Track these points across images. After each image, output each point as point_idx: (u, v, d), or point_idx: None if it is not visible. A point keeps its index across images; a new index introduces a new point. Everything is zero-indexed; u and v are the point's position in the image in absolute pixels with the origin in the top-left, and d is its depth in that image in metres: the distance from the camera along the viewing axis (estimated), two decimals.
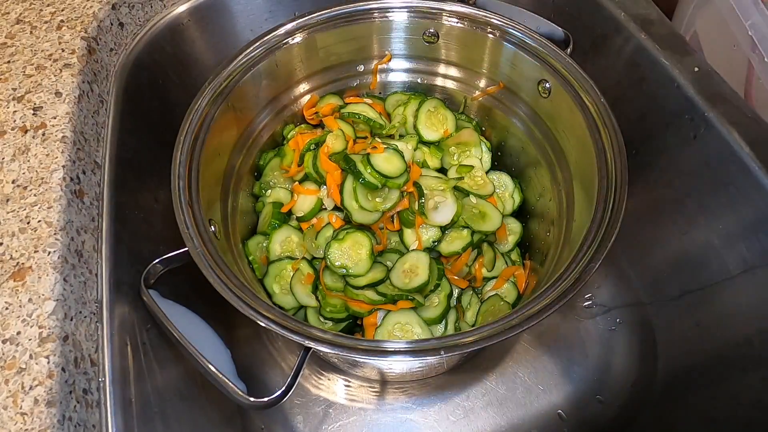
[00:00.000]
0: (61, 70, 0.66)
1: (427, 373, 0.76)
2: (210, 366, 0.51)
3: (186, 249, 0.55)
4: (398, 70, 0.83)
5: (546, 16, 0.76)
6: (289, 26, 0.73)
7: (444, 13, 0.74)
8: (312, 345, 0.49)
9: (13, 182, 0.56)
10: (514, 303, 0.71)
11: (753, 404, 0.61)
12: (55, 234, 0.53)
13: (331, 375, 0.77)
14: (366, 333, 0.67)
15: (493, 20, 0.72)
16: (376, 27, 0.77)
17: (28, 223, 0.53)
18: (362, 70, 0.82)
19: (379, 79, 0.83)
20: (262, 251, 0.72)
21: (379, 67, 0.82)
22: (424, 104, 0.79)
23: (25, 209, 0.54)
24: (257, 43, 0.71)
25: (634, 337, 0.79)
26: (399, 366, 0.69)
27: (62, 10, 0.73)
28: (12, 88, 0.64)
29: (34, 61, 0.67)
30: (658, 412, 0.71)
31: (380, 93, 0.85)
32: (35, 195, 0.55)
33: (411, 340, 0.50)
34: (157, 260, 0.57)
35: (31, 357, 0.46)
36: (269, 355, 0.79)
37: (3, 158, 0.58)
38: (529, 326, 0.50)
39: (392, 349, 0.50)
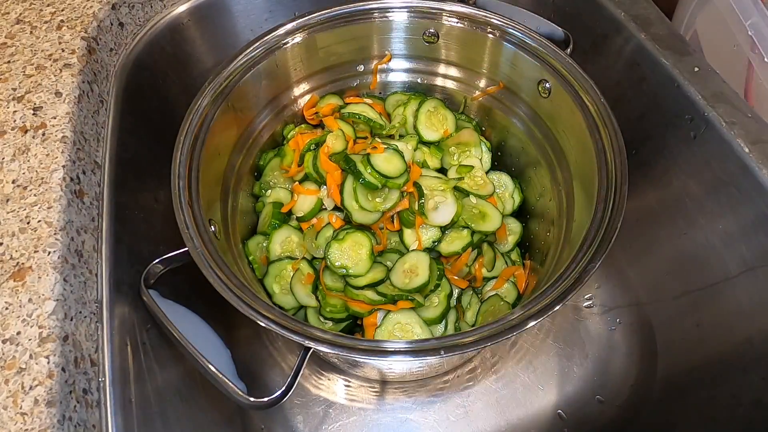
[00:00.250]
0: (61, 70, 0.66)
1: (427, 373, 0.76)
2: (210, 366, 0.51)
3: (186, 249, 0.55)
4: (398, 70, 0.83)
5: (546, 16, 0.76)
6: (289, 26, 0.73)
7: (444, 13, 0.74)
8: (312, 345, 0.49)
9: (13, 182, 0.56)
10: (514, 303, 0.71)
11: (753, 404, 0.61)
12: (55, 234, 0.53)
13: (331, 375, 0.77)
14: (366, 333, 0.67)
15: (493, 20, 0.72)
16: (376, 27, 0.77)
17: (28, 223, 0.53)
18: (362, 70, 0.82)
19: (379, 79, 0.83)
20: (262, 251, 0.72)
21: (379, 67, 0.82)
22: (424, 104, 0.79)
23: (25, 209, 0.54)
24: (257, 43, 0.71)
25: (634, 337, 0.79)
26: (399, 366, 0.69)
27: (62, 10, 0.73)
28: (12, 88, 0.64)
29: (34, 61, 0.67)
30: (658, 412, 0.71)
31: (380, 93, 0.85)
32: (35, 195, 0.55)
33: (411, 340, 0.50)
34: (157, 260, 0.57)
35: (31, 357, 0.46)
36: (269, 355, 0.79)
37: (3, 158, 0.58)
38: (529, 326, 0.50)
39: (392, 349, 0.50)
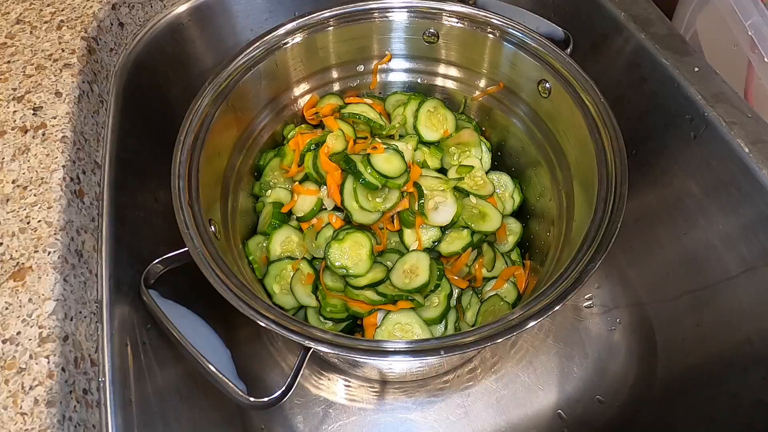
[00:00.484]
0: (61, 70, 0.66)
1: (427, 373, 0.76)
2: (210, 366, 0.51)
3: (186, 249, 0.55)
4: (398, 70, 0.83)
5: (546, 16, 0.76)
6: (289, 26, 0.73)
7: (444, 13, 0.74)
8: (312, 345, 0.49)
9: (13, 182, 0.56)
10: (514, 303, 0.71)
11: (753, 404, 0.61)
12: (55, 234, 0.53)
13: (331, 375, 0.77)
14: (366, 333, 0.67)
15: (493, 20, 0.72)
16: (376, 27, 0.77)
17: (28, 223, 0.53)
18: (362, 70, 0.82)
19: (379, 79, 0.83)
20: (262, 251, 0.72)
21: (379, 67, 0.82)
22: (424, 104, 0.79)
23: (25, 209, 0.54)
24: (257, 43, 0.71)
25: (634, 337, 0.79)
26: (399, 366, 0.69)
27: (62, 10, 0.73)
28: (12, 88, 0.64)
29: (34, 61, 0.67)
30: (657, 412, 0.71)
31: (380, 93, 0.85)
32: (35, 195, 0.55)
33: (411, 340, 0.50)
34: (157, 260, 0.57)
35: (31, 357, 0.46)
36: (269, 355, 0.79)
37: (3, 158, 0.58)
38: (528, 326, 0.50)
39: (392, 349, 0.50)
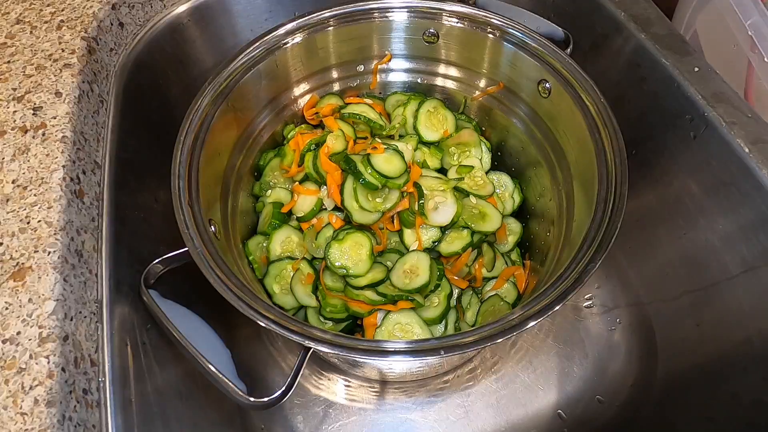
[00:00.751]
0: (61, 70, 0.66)
1: (427, 373, 0.76)
2: (210, 366, 0.51)
3: (186, 249, 0.55)
4: (398, 70, 0.83)
5: (546, 16, 0.76)
6: (289, 26, 0.73)
7: (444, 13, 0.74)
8: (312, 345, 0.49)
9: (13, 182, 0.56)
10: (514, 303, 0.71)
11: (753, 404, 0.61)
12: (55, 234, 0.53)
13: (331, 375, 0.77)
14: (366, 333, 0.67)
15: (493, 20, 0.72)
16: (376, 27, 0.77)
17: (28, 223, 0.53)
18: (362, 70, 0.82)
19: (379, 79, 0.83)
20: (262, 251, 0.72)
21: (379, 67, 0.82)
22: (424, 104, 0.79)
23: (25, 209, 0.54)
24: (257, 43, 0.71)
25: (634, 337, 0.79)
26: (399, 366, 0.69)
27: (62, 10, 0.73)
28: (12, 88, 0.64)
29: (34, 61, 0.67)
30: (658, 411, 0.71)
31: (380, 93, 0.85)
32: (35, 195, 0.55)
33: (411, 340, 0.50)
34: (157, 260, 0.57)
35: (31, 357, 0.46)
36: (269, 355, 0.79)
37: (3, 158, 0.58)
38: (528, 326, 0.50)
39: (392, 349, 0.50)
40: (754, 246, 0.63)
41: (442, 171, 0.80)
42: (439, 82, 0.83)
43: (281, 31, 0.72)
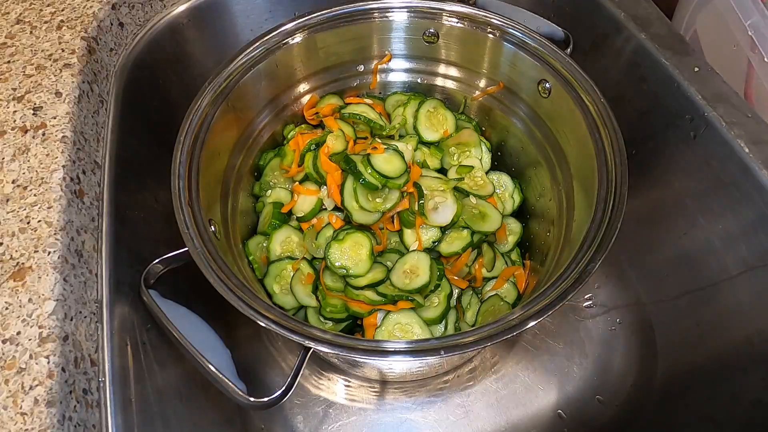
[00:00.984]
0: (61, 70, 0.66)
1: (427, 373, 0.76)
2: (210, 366, 0.51)
3: (186, 249, 0.55)
4: (398, 70, 0.83)
5: (546, 16, 0.76)
6: (289, 26, 0.73)
7: (444, 13, 0.74)
8: (312, 345, 0.49)
9: (13, 182, 0.56)
10: (514, 303, 0.71)
11: (753, 404, 0.61)
12: (55, 234, 0.53)
13: (331, 375, 0.77)
14: (366, 333, 0.67)
15: (493, 20, 0.72)
16: (376, 27, 0.77)
17: (28, 223, 0.53)
18: (362, 70, 0.82)
19: (379, 79, 0.83)
20: (262, 251, 0.72)
21: (379, 67, 0.82)
22: (424, 104, 0.79)
23: (25, 209, 0.54)
24: (257, 43, 0.71)
25: (634, 337, 0.79)
26: (399, 366, 0.69)
27: (62, 10, 0.73)
28: (12, 88, 0.64)
29: (34, 61, 0.67)
30: (658, 411, 0.71)
31: (380, 93, 0.85)
32: (35, 195, 0.55)
33: (411, 340, 0.50)
34: (157, 260, 0.57)
35: (31, 357, 0.46)
36: (269, 355, 0.79)
37: (3, 158, 0.58)
38: (528, 326, 0.50)
39: (392, 349, 0.50)
40: (754, 246, 0.63)
41: (442, 171, 0.80)
42: (439, 82, 0.83)
43: (281, 30, 0.72)
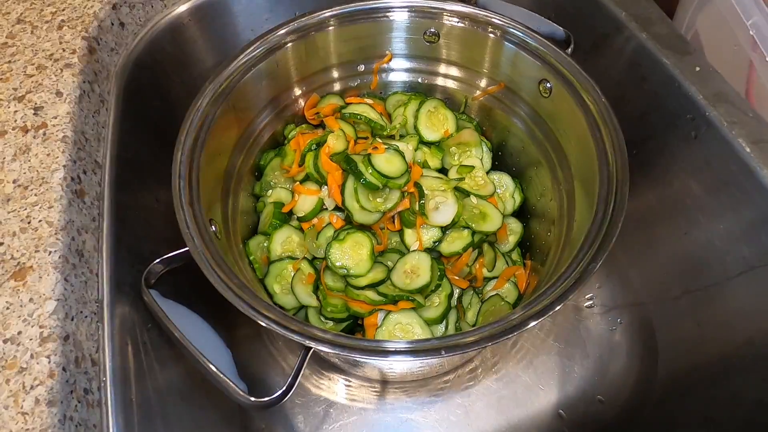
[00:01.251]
0: (61, 70, 0.66)
1: (427, 373, 0.76)
2: (211, 366, 0.51)
3: (187, 249, 0.55)
4: (399, 70, 0.83)
5: (546, 16, 0.76)
6: (290, 26, 0.73)
7: (445, 13, 0.74)
8: (312, 344, 0.49)
9: (14, 182, 0.56)
10: (515, 303, 0.71)
11: (754, 404, 0.61)
12: (55, 234, 0.53)
13: (332, 375, 0.77)
14: (367, 333, 0.67)
15: (494, 20, 0.72)
16: (377, 27, 0.77)
17: (29, 222, 0.54)
18: (363, 69, 0.82)
19: (379, 79, 0.83)
20: (263, 251, 0.72)
21: (380, 66, 0.82)
22: (425, 104, 0.79)
23: (26, 209, 0.54)
24: (257, 43, 0.71)
25: (634, 337, 0.79)
26: (400, 366, 0.69)
27: (63, 10, 0.73)
28: (13, 88, 0.64)
29: (35, 61, 0.67)
30: (658, 411, 0.71)
31: (381, 93, 0.85)
32: (36, 195, 0.55)
33: (411, 340, 0.50)
34: (157, 260, 0.57)
35: (32, 357, 0.46)
36: (269, 354, 0.79)
37: (4, 158, 0.58)
38: (529, 326, 0.50)
39: (393, 349, 0.50)
40: (755, 246, 0.63)
41: (443, 171, 0.80)
42: (440, 81, 0.83)
43: (281, 31, 0.72)
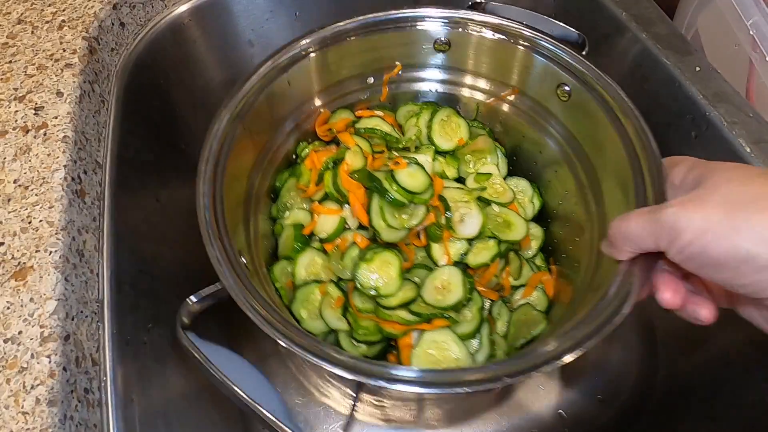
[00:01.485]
0: (62, 70, 0.66)
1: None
2: (265, 413, 0.48)
3: (222, 287, 0.51)
4: (409, 81, 0.81)
5: (547, 16, 0.76)
6: (301, 43, 0.71)
7: (456, 21, 0.73)
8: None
9: (15, 182, 0.56)
10: (547, 309, 0.69)
11: (754, 404, 0.61)
12: (56, 234, 0.53)
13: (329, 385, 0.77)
14: (401, 354, 0.64)
15: (506, 25, 0.71)
16: (387, 38, 0.75)
17: (30, 222, 0.54)
18: (372, 82, 0.80)
19: (389, 90, 0.81)
20: (287, 276, 0.70)
21: (390, 77, 0.80)
22: (437, 114, 0.77)
23: (26, 209, 0.54)
24: (269, 62, 0.68)
25: (635, 337, 0.78)
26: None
27: (63, 10, 0.73)
28: (13, 88, 0.64)
29: (36, 61, 0.67)
30: (658, 411, 0.71)
31: (390, 104, 0.83)
32: (36, 195, 0.55)
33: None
34: (193, 299, 0.52)
35: (32, 356, 0.46)
36: (293, 378, 0.76)
37: (4, 158, 0.58)
38: (565, 361, 0.47)
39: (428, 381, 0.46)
40: None
41: (459, 180, 0.78)
42: (453, 90, 0.81)
43: (293, 49, 0.70)
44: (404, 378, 0.46)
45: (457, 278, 0.66)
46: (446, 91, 0.82)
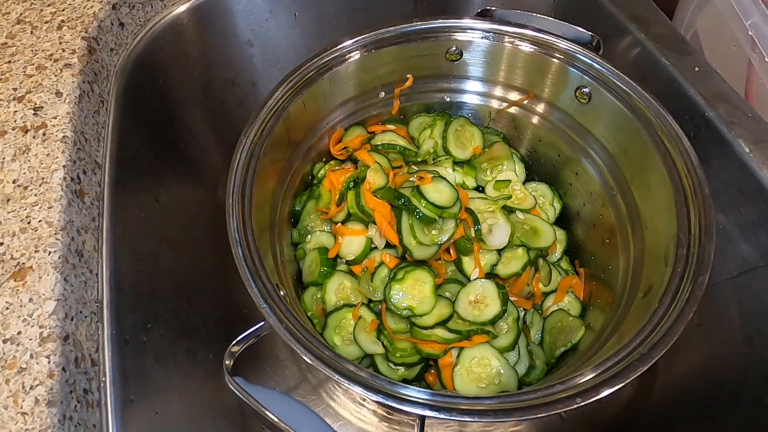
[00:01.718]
0: (61, 70, 0.66)
1: None
2: None
3: (262, 324, 0.50)
4: (420, 92, 0.80)
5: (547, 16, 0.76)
6: (315, 63, 0.70)
7: (466, 30, 0.73)
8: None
9: (14, 182, 0.56)
10: (581, 314, 0.69)
11: (753, 404, 0.61)
12: (55, 234, 0.53)
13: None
14: (443, 374, 0.63)
15: (519, 31, 0.71)
16: (398, 52, 0.74)
17: (29, 223, 0.54)
18: (383, 96, 0.79)
19: (400, 103, 0.80)
20: (318, 303, 0.68)
21: (401, 90, 0.79)
22: (452, 123, 0.77)
23: (25, 209, 0.54)
24: (284, 85, 0.68)
25: None
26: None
27: (63, 10, 0.73)
28: (13, 88, 0.64)
29: (35, 61, 0.67)
30: (658, 411, 0.71)
31: (401, 117, 0.82)
32: (36, 195, 0.55)
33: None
34: (236, 342, 0.51)
35: (31, 357, 0.46)
36: (330, 407, 0.76)
37: (4, 158, 0.58)
38: (603, 395, 0.47)
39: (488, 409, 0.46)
40: (755, 245, 0.63)
41: (478, 189, 0.78)
42: (465, 98, 0.81)
43: (307, 70, 0.69)
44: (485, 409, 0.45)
45: (492, 291, 0.64)
46: (457, 99, 0.81)
